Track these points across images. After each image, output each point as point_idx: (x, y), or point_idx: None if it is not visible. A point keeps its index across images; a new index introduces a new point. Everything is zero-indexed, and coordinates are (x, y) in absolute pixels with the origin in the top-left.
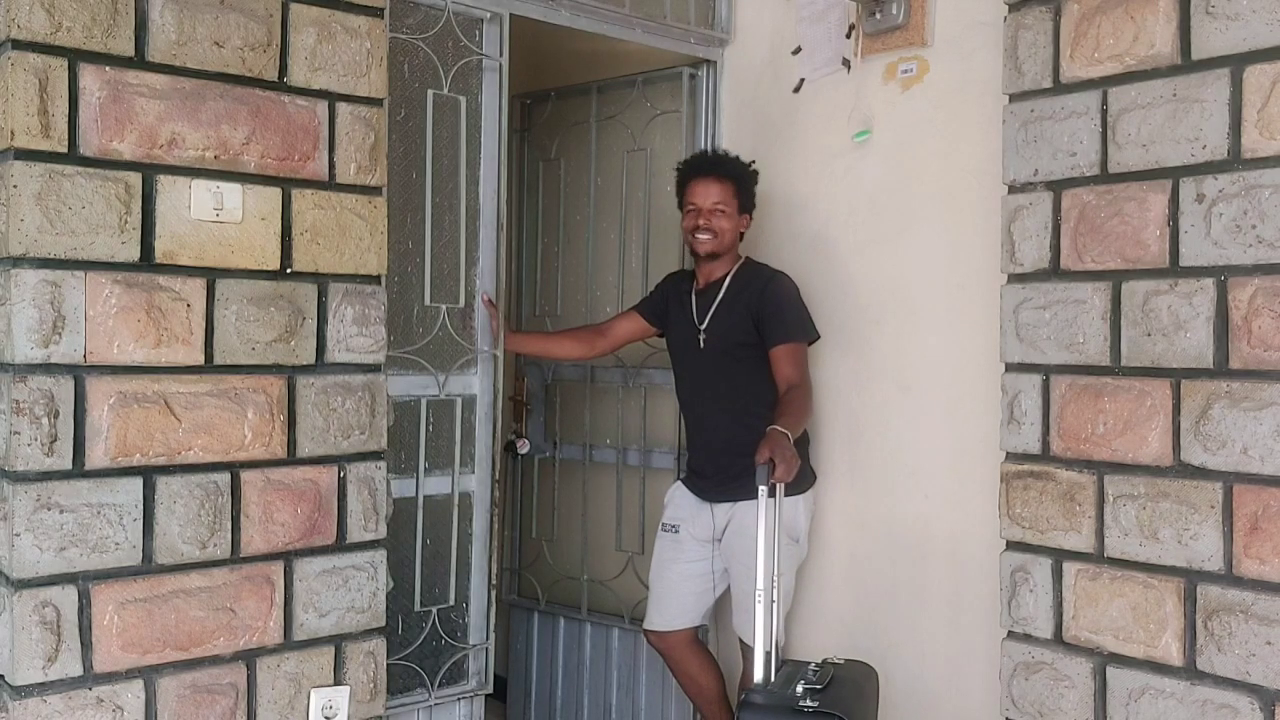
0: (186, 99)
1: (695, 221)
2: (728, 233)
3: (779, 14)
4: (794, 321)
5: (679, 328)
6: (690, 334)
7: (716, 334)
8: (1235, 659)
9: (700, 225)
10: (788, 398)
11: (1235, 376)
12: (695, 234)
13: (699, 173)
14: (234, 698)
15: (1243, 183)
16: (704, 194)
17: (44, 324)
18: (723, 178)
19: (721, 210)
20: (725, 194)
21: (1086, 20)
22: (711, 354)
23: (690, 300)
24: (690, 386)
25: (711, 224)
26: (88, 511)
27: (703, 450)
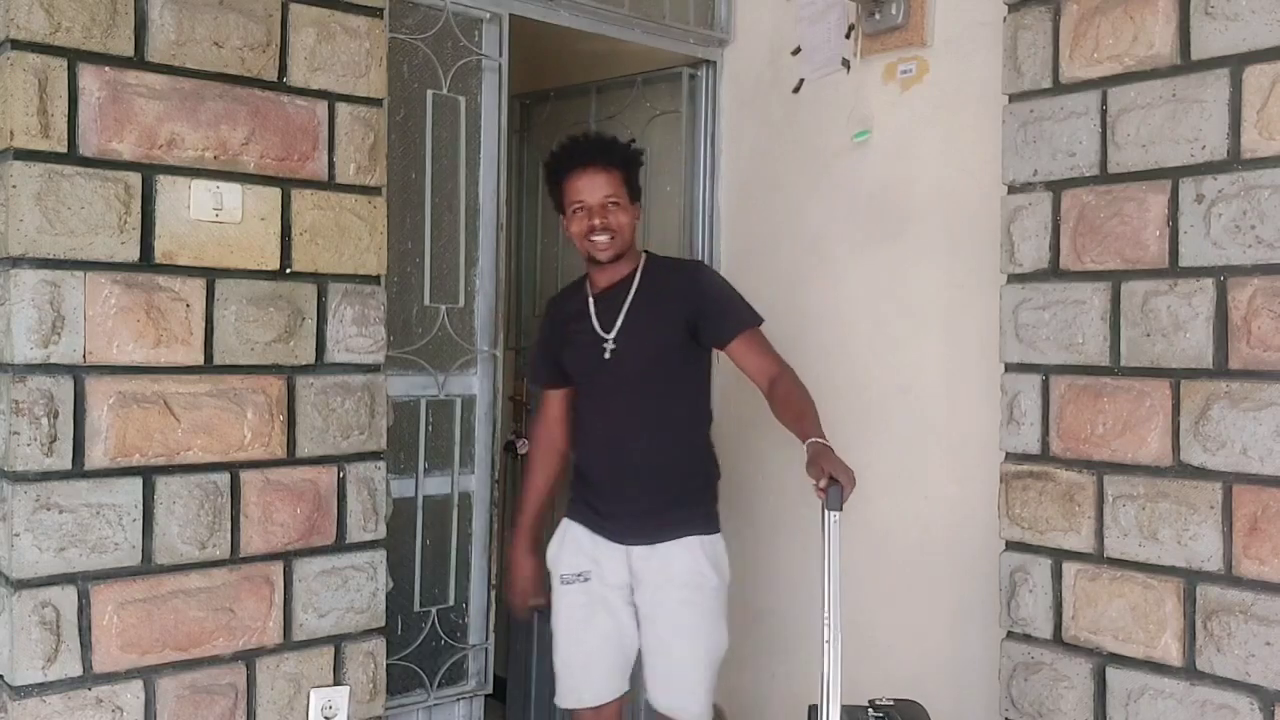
0: (186, 99)
1: (589, 223)
2: (626, 228)
3: (779, 14)
4: (744, 306)
5: (578, 345)
6: (593, 348)
7: (632, 343)
8: (1235, 659)
9: (596, 226)
10: (787, 394)
11: (1235, 377)
12: (591, 237)
13: (580, 163)
14: (233, 698)
15: (1242, 183)
16: (591, 188)
17: (43, 324)
18: (609, 166)
19: (615, 203)
20: (615, 185)
21: (1086, 20)
22: (625, 367)
23: (589, 310)
24: (597, 408)
25: (608, 222)
26: (87, 512)
27: (614, 483)
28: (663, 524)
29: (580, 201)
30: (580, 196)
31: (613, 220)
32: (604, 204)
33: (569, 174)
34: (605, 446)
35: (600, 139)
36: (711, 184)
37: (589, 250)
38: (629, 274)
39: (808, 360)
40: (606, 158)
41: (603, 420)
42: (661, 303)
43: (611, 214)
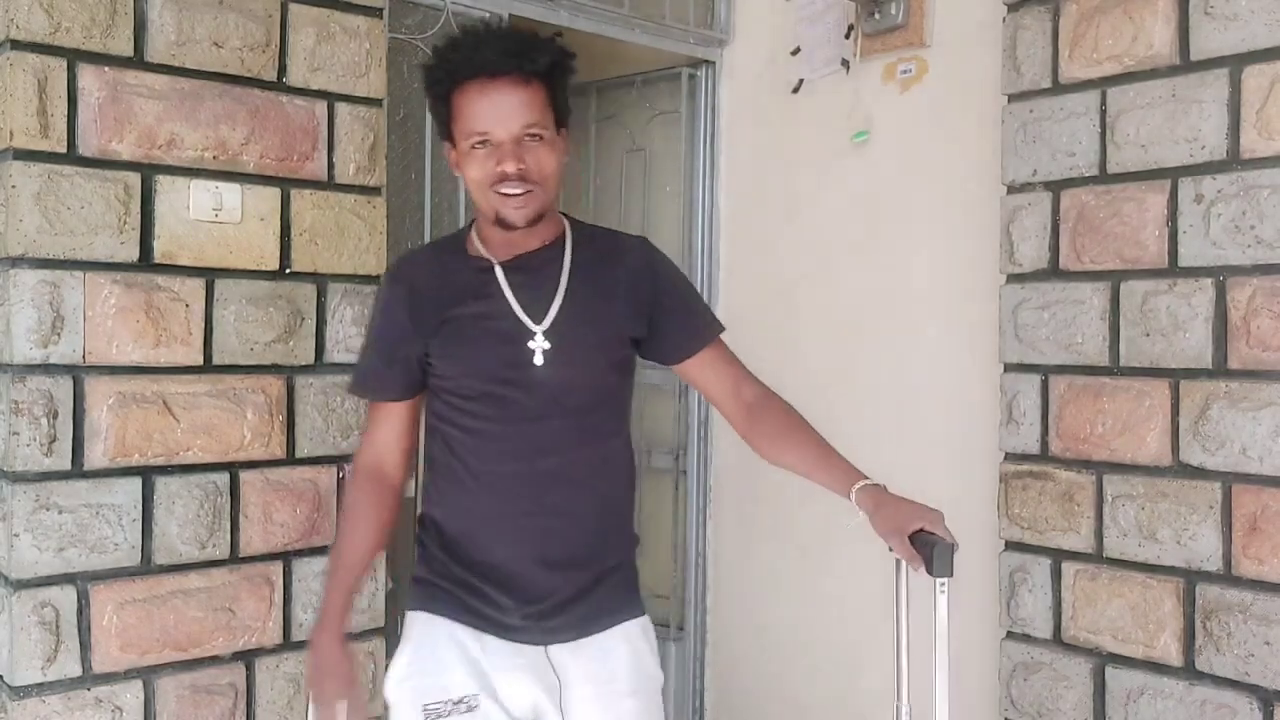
0: (185, 99)
1: (497, 168)
2: (552, 176)
3: (778, 14)
4: (706, 305)
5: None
6: (511, 344)
7: (573, 344)
8: (1234, 659)
9: (509, 174)
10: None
11: (1234, 376)
12: (500, 189)
13: (484, 71)
14: (233, 698)
15: (1241, 183)
16: (500, 113)
17: (43, 324)
18: (529, 78)
19: (536, 136)
20: (538, 107)
21: (1085, 21)
22: (560, 379)
23: (497, 283)
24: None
25: (527, 167)
26: (87, 512)
27: (522, 558)
28: (597, 609)
29: (483, 134)
30: (483, 125)
31: (533, 163)
32: (520, 138)
33: (464, 87)
34: (511, 502)
35: (513, 36)
36: (711, 184)
37: (497, 207)
38: (554, 240)
39: (807, 360)
40: (525, 63)
41: (510, 460)
42: (610, 289)
43: (531, 153)
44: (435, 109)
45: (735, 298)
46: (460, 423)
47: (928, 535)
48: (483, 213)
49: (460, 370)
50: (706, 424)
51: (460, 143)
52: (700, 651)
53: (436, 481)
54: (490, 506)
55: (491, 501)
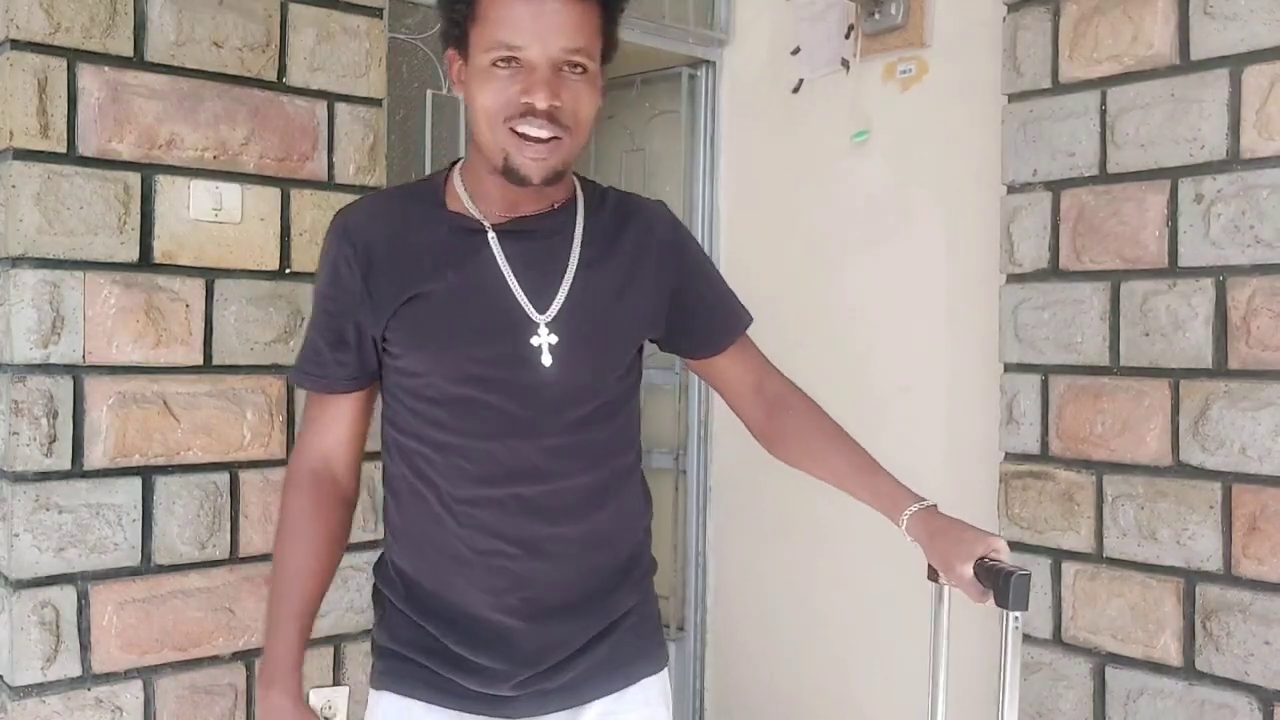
0: (185, 99)
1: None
2: (586, 123)
3: (778, 14)
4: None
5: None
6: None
7: (586, 339)
8: (1234, 659)
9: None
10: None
11: (1234, 376)
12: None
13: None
14: (233, 698)
15: (1241, 183)
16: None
17: (43, 324)
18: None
19: (580, 68)
20: (588, 28)
21: (1085, 21)
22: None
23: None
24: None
25: (562, 104)
26: (86, 512)
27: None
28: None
29: (514, 48)
30: (516, 37)
31: (569, 100)
32: (560, 65)
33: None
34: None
35: None
36: (711, 184)
37: (508, 150)
38: (564, 203)
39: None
40: None
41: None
42: (631, 271)
43: (569, 88)
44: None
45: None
46: (427, 436)
47: (992, 563)
48: (484, 153)
49: (429, 365)
50: (706, 424)
51: (476, 54)
52: (700, 651)
53: (399, 514)
54: (470, 546)
55: (471, 539)
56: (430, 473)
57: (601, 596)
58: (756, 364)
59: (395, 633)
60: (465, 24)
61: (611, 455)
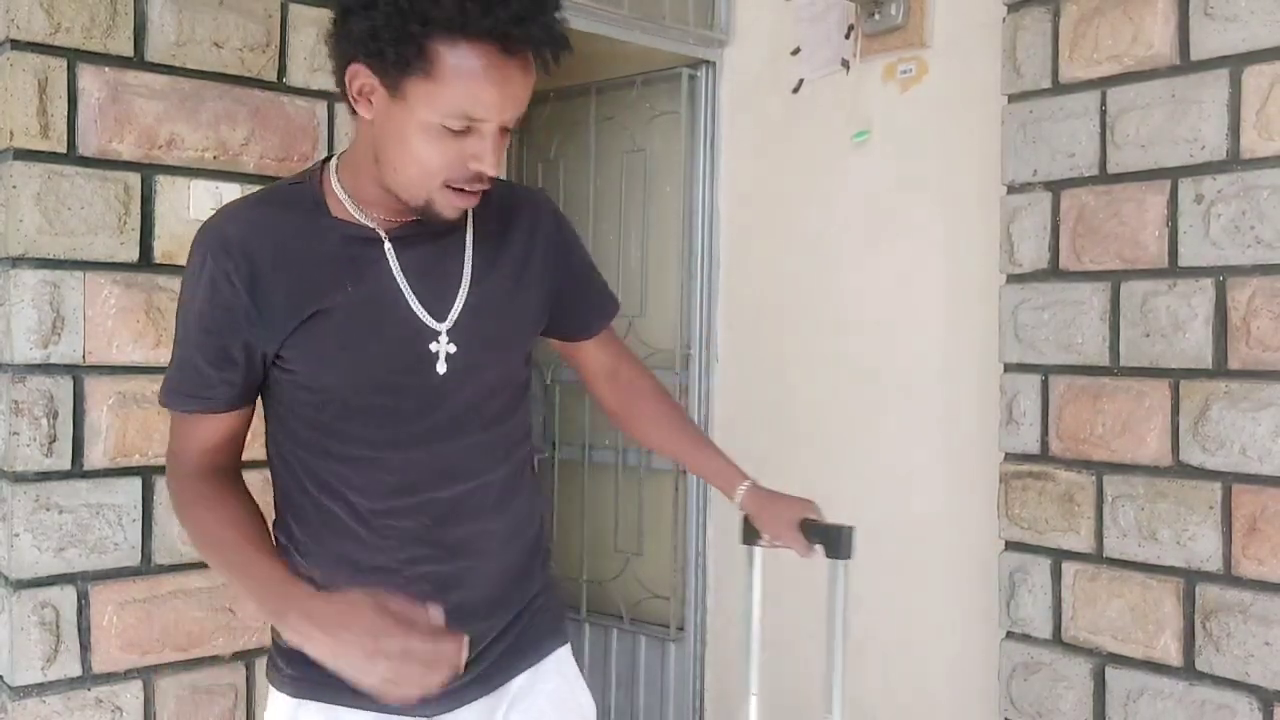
0: (185, 99)
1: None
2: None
3: (778, 14)
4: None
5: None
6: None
7: (480, 346)
8: (1234, 659)
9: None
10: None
11: (1234, 377)
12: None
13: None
14: (233, 698)
15: (1241, 183)
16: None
17: (43, 324)
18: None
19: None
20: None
21: (1085, 21)
22: (465, 392)
23: (386, 261)
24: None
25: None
26: (87, 512)
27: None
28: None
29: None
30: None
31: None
32: (505, 130)
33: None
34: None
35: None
36: (711, 184)
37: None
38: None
39: (807, 360)
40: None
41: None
42: (521, 268)
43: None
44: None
45: (735, 298)
46: (335, 450)
47: (814, 521)
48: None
49: (339, 380)
50: (706, 424)
51: (418, 106)
52: (700, 651)
53: (303, 531)
54: (393, 556)
55: (394, 550)
56: (340, 487)
57: (519, 584)
58: (616, 347)
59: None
60: (406, 70)
61: (519, 445)
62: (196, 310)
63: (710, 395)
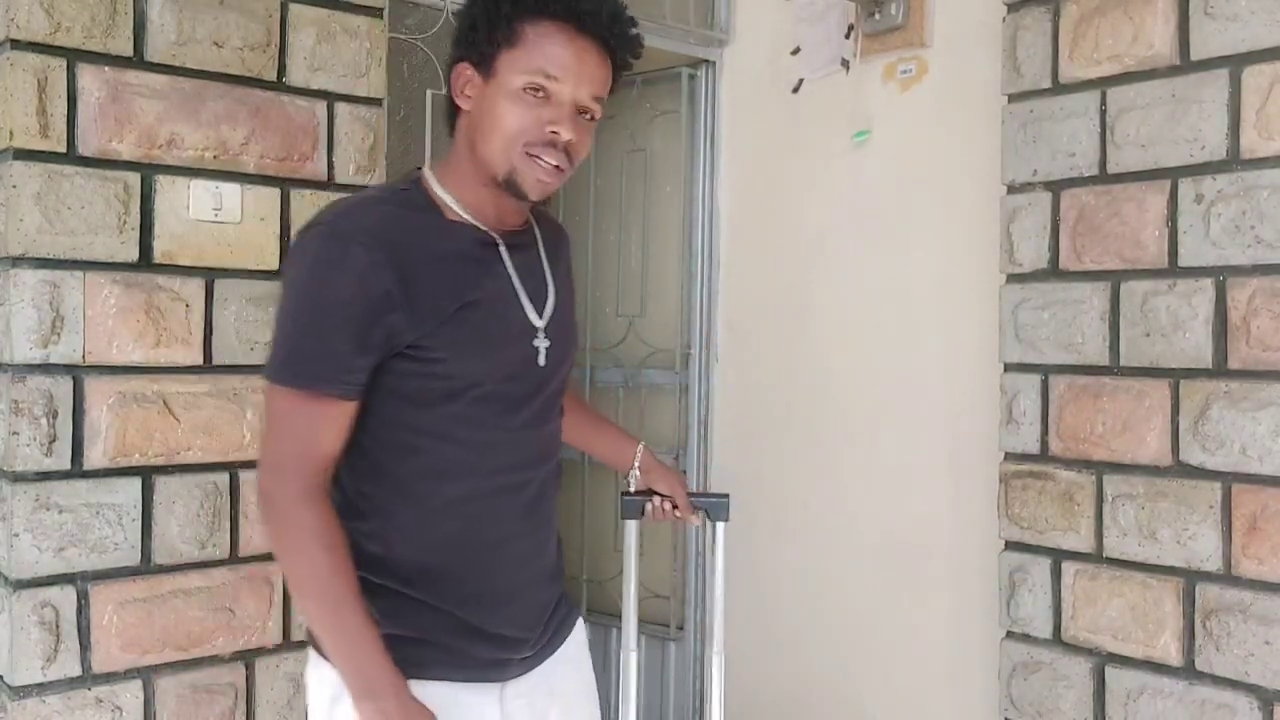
0: (185, 99)
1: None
2: (580, 162)
3: (778, 14)
4: None
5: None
6: (524, 343)
7: (562, 343)
8: (1234, 659)
9: (560, 138)
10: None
11: (1234, 376)
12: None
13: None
14: (233, 698)
15: (1241, 183)
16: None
17: (43, 324)
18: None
19: (591, 116)
20: (607, 85)
21: (1085, 21)
22: (553, 383)
23: (504, 264)
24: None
25: (576, 141)
26: (86, 511)
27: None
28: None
29: (553, 79)
30: (558, 71)
31: (579, 141)
32: (582, 108)
33: (547, 22)
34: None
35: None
36: (711, 184)
37: (517, 167)
38: (527, 220)
39: (807, 360)
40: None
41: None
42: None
43: (581, 129)
44: (487, 22)
45: (735, 298)
46: (458, 434)
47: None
48: (484, 164)
49: (477, 369)
50: (706, 424)
51: (508, 76)
52: (700, 651)
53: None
54: (496, 529)
55: (497, 523)
56: (456, 470)
57: (557, 560)
58: None
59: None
60: (499, 45)
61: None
62: (340, 297)
63: (710, 395)
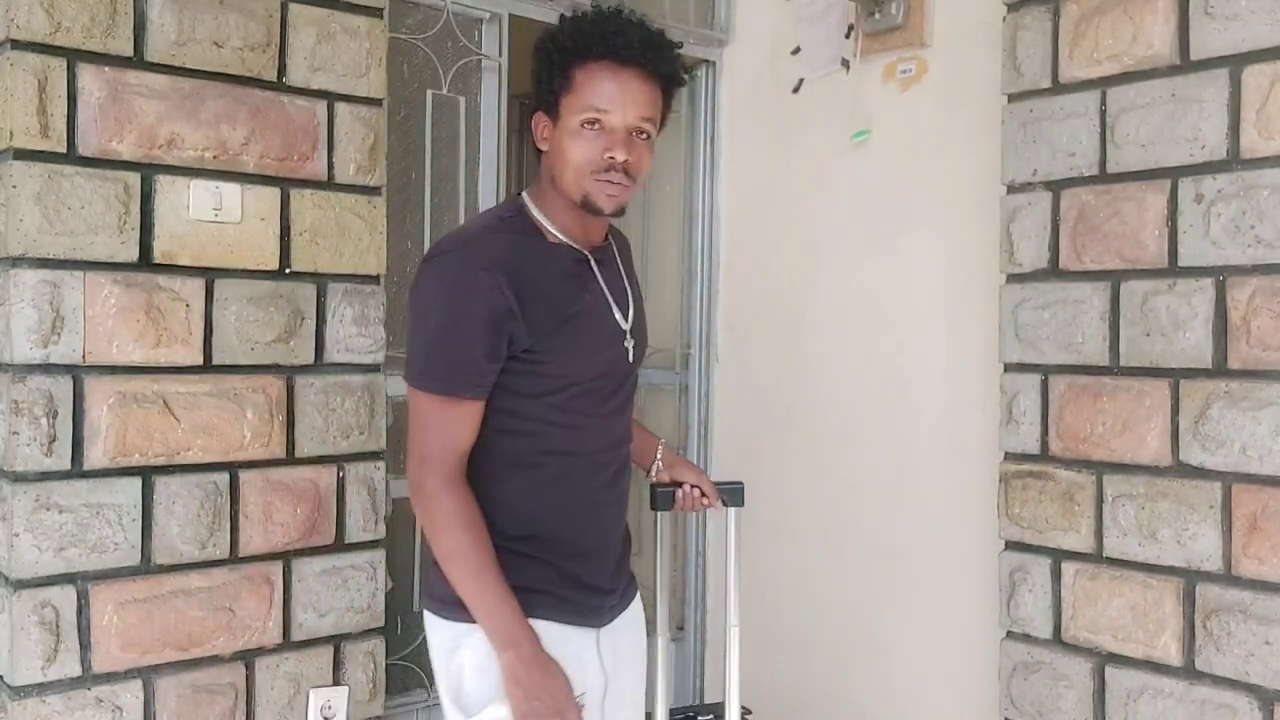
0: (186, 99)
1: (609, 153)
2: (643, 180)
3: (778, 14)
4: None
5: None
6: (617, 343)
7: (641, 341)
8: (1234, 659)
9: (617, 160)
10: None
11: (1234, 376)
12: (607, 176)
13: (619, 56)
14: (233, 698)
15: (1241, 183)
16: (627, 98)
17: (43, 324)
18: (654, 76)
19: (646, 136)
20: (655, 106)
21: (1085, 21)
22: (634, 377)
23: (595, 277)
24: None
25: (635, 161)
26: (87, 512)
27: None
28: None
29: (602, 112)
30: (605, 103)
31: (636, 160)
32: (634, 129)
33: (592, 63)
34: (604, 490)
35: (649, 29)
36: (711, 184)
37: (589, 191)
38: (608, 235)
39: (807, 360)
40: (659, 62)
41: (606, 451)
42: (637, 281)
43: (636, 149)
44: (548, 75)
45: (735, 298)
46: (563, 420)
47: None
48: (565, 192)
49: (580, 368)
50: (706, 424)
51: (568, 118)
52: (700, 651)
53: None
54: (595, 497)
55: (596, 491)
56: (564, 447)
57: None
58: None
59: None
60: (559, 93)
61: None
62: (477, 313)
63: (710, 395)
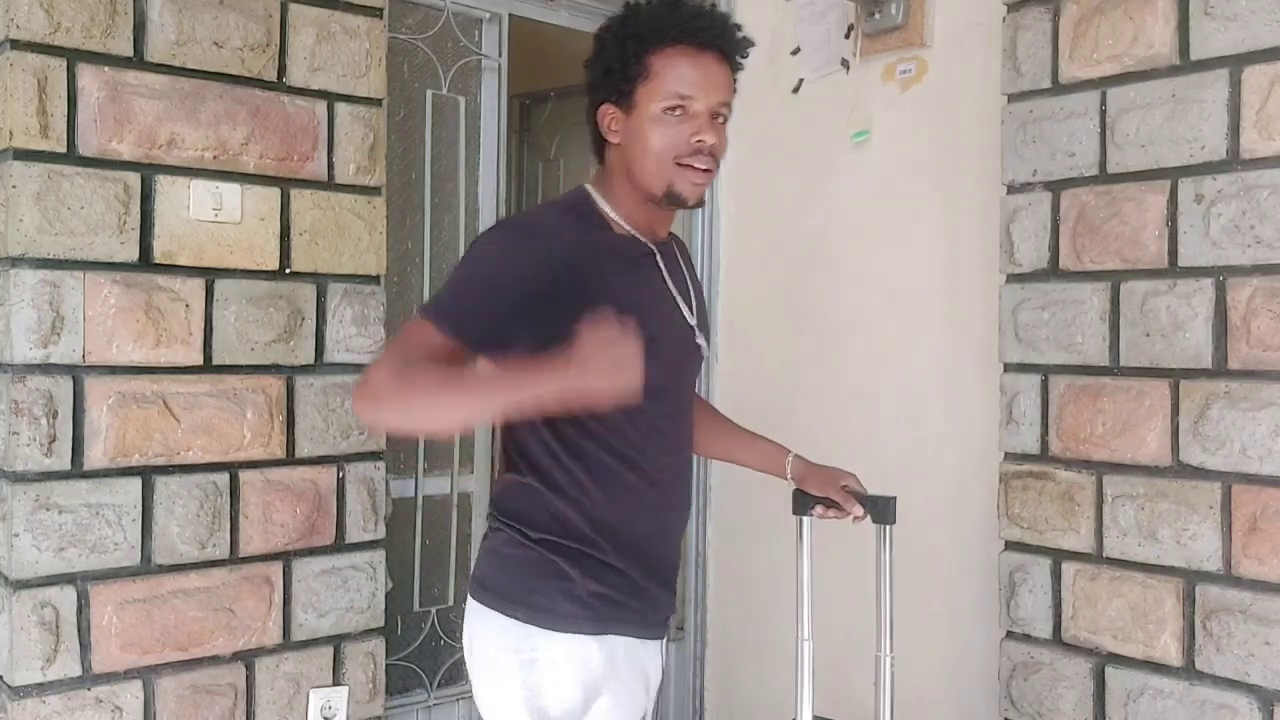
0: (185, 99)
1: (696, 137)
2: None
3: (778, 14)
4: None
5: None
6: (687, 339)
7: (707, 332)
8: (1234, 659)
9: (706, 143)
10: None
11: (1234, 376)
12: (692, 160)
13: (698, 40)
14: (233, 698)
15: (1241, 183)
16: (709, 82)
17: (43, 324)
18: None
19: (724, 118)
20: (731, 86)
21: (1085, 21)
22: (700, 369)
23: (660, 271)
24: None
25: (720, 141)
26: (86, 512)
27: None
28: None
29: (686, 98)
30: (689, 89)
31: (721, 142)
32: (715, 113)
33: (669, 49)
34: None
35: (719, 14)
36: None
37: (674, 180)
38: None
39: (807, 360)
40: (733, 45)
41: (673, 454)
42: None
43: (718, 131)
44: (620, 65)
45: (735, 298)
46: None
47: (857, 491)
48: (643, 184)
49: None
50: None
51: (647, 105)
52: (700, 651)
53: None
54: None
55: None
56: (628, 450)
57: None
58: None
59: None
60: (635, 81)
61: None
62: (519, 273)
63: (710, 395)
